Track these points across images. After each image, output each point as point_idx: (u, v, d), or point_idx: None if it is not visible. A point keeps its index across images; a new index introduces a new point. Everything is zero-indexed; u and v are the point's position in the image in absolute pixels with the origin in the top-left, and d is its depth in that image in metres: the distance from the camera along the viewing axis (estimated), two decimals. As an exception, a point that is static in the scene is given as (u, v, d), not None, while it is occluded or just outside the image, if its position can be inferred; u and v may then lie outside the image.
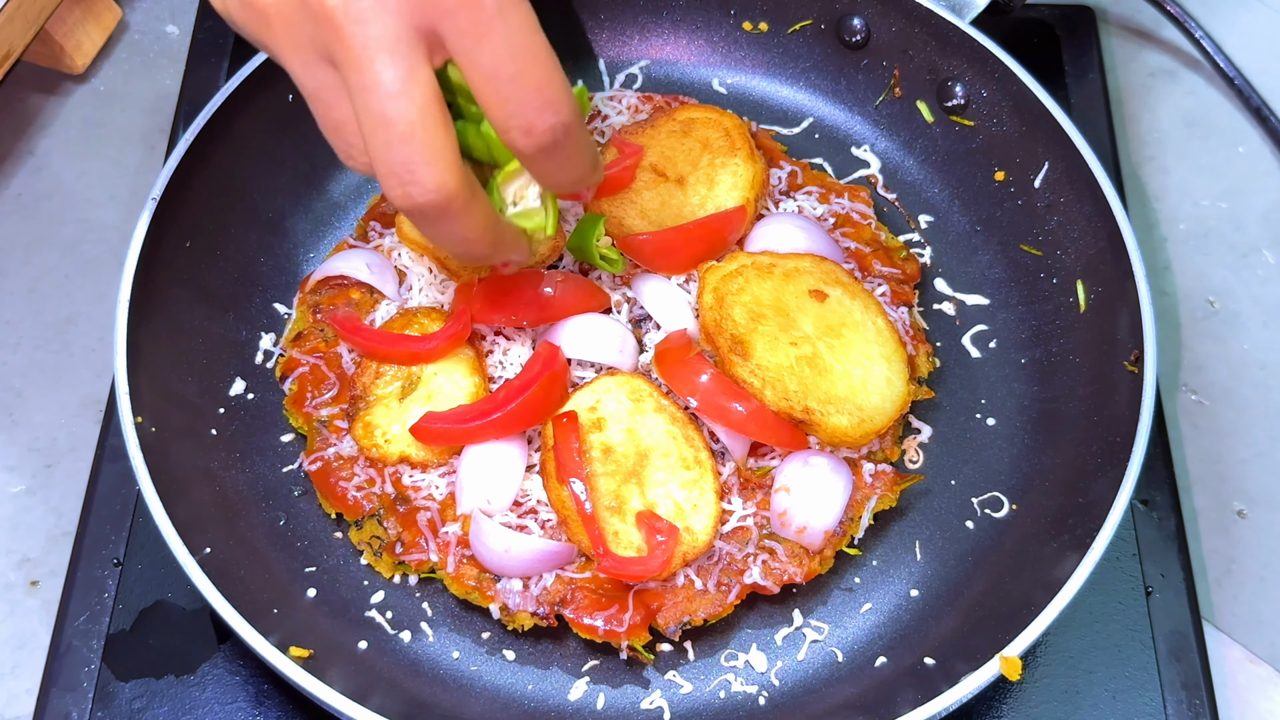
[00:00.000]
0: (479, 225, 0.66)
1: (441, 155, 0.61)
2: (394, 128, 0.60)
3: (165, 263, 0.90)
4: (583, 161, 0.66)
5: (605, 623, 0.84)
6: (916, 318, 0.99)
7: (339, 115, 0.64)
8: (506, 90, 0.61)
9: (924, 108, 1.05)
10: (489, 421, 0.85)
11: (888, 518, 0.92)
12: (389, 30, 0.59)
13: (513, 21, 0.60)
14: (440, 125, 0.61)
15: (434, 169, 0.61)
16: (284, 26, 0.62)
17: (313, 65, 0.63)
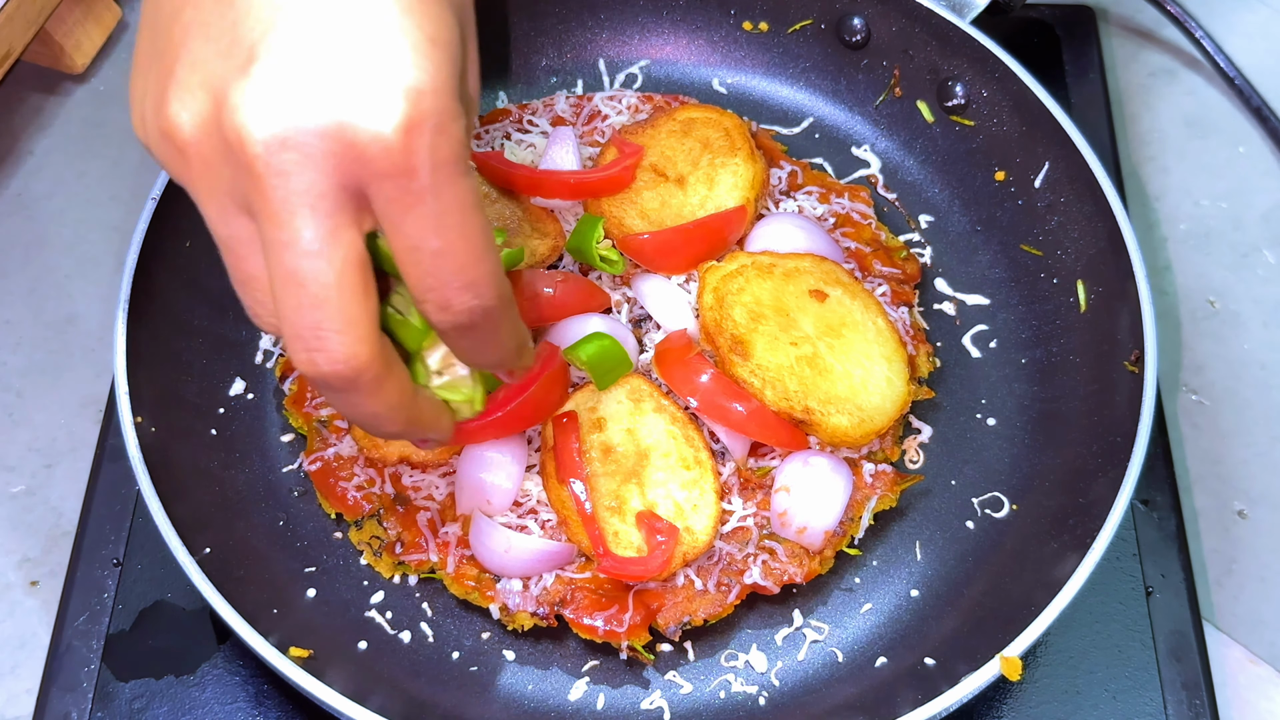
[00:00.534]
0: (390, 402, 0.61)
1: (355, 324, 0.57)
2: (306, 289, 0.56)
3: (165, 262, 0.90)
4: (503, 345, 0.62)
5: (605, 623, 0.84)
6: (917, 318, 0.99)
7: (250, 269, 0.60)
8: (427, 264, 0.57)
9: (924, 107, 1.05)
10: (488, 421, 0.85)
11: (888, 518, 0.92)
12: (313, 186, 0.54)
13: (446, 196, 0.55)
14: (358, 291, 0.56)
15: (344, 338, 0.57)
16: (203, 168, 0.57)
17: (228, 213, 0.58)
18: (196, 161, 0.57)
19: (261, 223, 0.56)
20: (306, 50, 0.54)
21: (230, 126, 0.54)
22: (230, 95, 0.54)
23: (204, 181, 0.57)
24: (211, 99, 0.55)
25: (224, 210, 0.58)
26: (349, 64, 0.54)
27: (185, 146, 0.57)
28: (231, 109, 0.54)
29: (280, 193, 0.54)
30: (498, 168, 0.99)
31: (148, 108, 0.59)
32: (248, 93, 0.54)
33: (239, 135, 0.54)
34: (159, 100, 0.57)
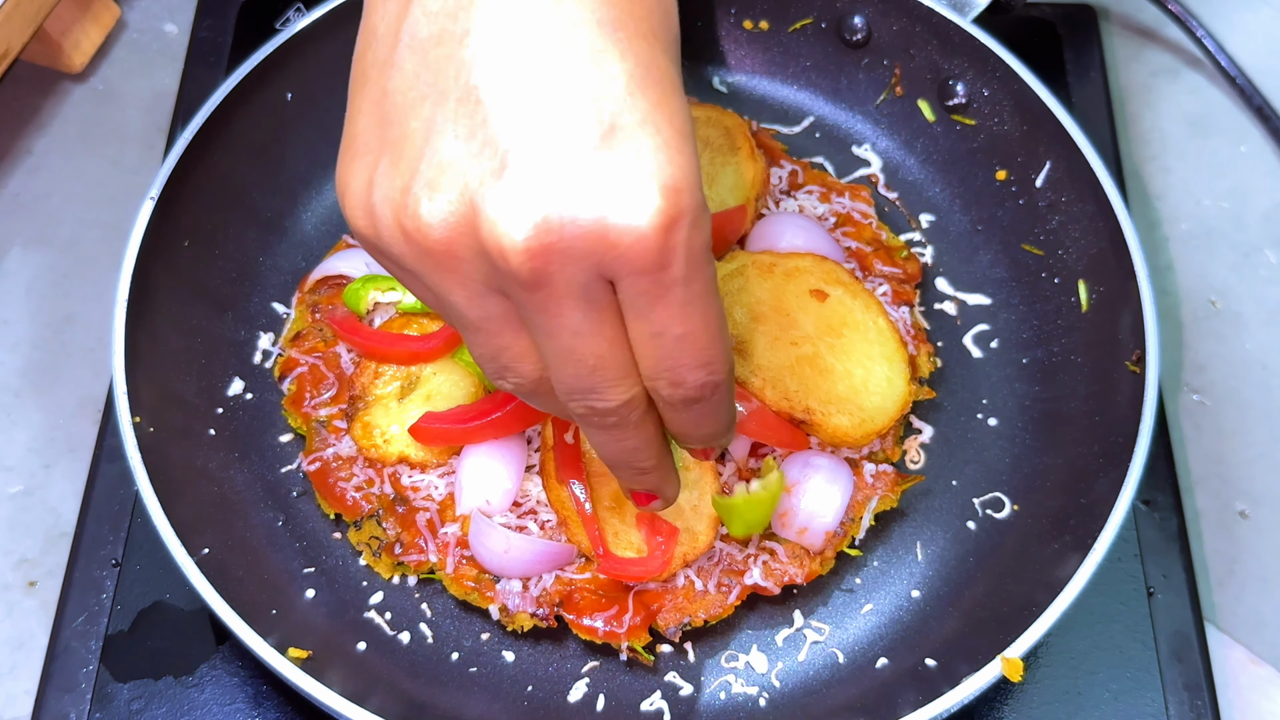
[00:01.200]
0: (649, 437, 0.66)
1: (626, 376, 0.61)
2: (583, 362, 0.59)
3: (163, 262, 0.90)
4: (719, 421, 0.65)
5: (605, 624, 0.84)
6: (917, 317, 0.99)
7: (502, 342, 0.62)
8: (669, 348, 0.59)
9: (925, 107, 1.05)
10: (488, 421, 0.85)
11: (889, 518, 0.92)
12: (576, 281, 0.56)
13: (695, 287, 0.57)
14: (624, 350, 0.60)
15: (618, 389, 0.61)
16: (452, 264, 0.58)
17: (479, 296, 0.59)
18: (445, 259, 0.57)
19: (529, 314, 0.58)
20: (561, 151, 0.54)
21: (491, 236, 0.55)
22: (488, 203, 0.54)
23: (453, 276, 0.58)
24: (467, 203, 0.55)
25: (474, 295, 0.59)
26: (605, 164, 0.54)
27: (434, 246, 0.57)
28: (491, 218, 0.54)
29: (546, 291, 0.56)
30: None
31: (379, 200, 0.59)
32: (507, 199, 0.54)
33: (500, 245, 0.54)
34: (401, 199, 0.57)
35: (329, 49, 0.99)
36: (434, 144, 0.56)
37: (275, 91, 0.97)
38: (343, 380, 0.92)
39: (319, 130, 1.02)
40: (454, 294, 0.59)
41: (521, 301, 0.58)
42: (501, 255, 0.55)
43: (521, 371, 0.63)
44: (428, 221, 0.56)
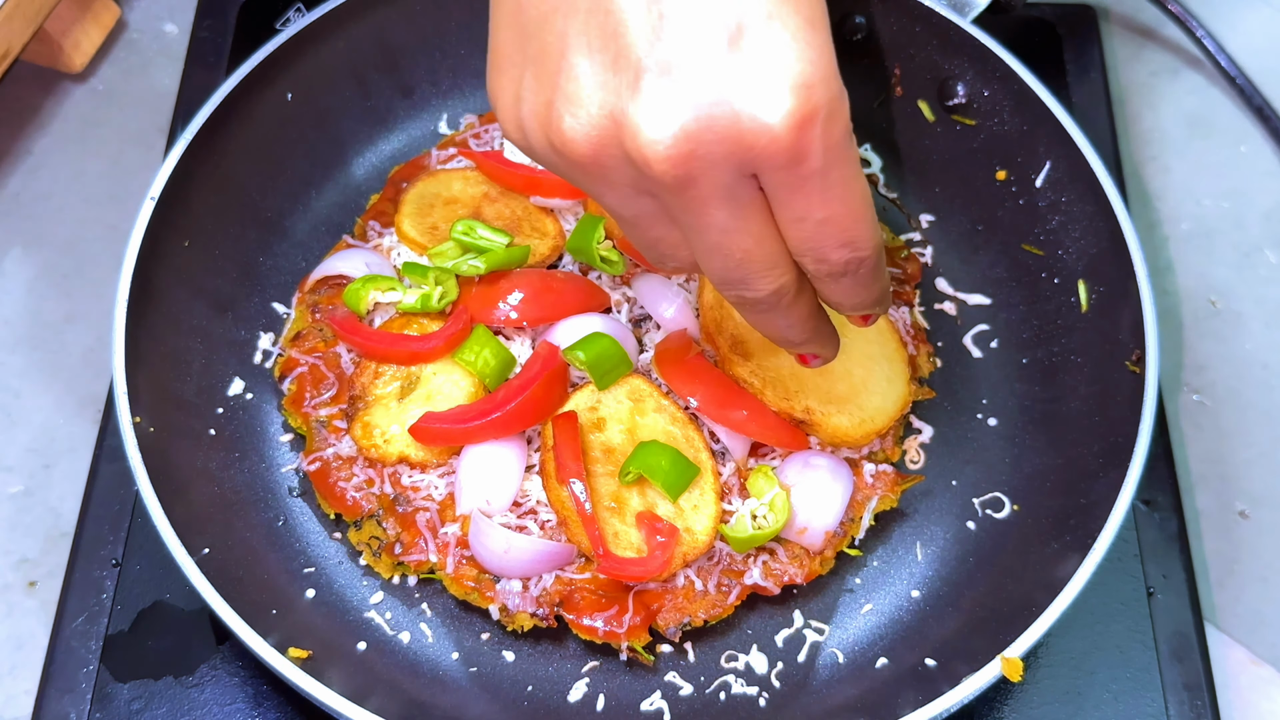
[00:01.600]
0: (800, 317, 0.68)
1: (775, 264, 0.63)
2: (731, 256, 0.62)
3: (164, 262, 0.90)
4: (870, 292, 0.67)
5: (605, 624, 0.84)
6: (917, 317, 0.99)
7: (657, 234, 0.65)
8: (810, 230, 0.61)
9: (925, 107, 1.05)
10: (488, 421, 0.85)
11: (889, 518, 0.92)
12: (719, 183, 0.58)
13: (834, 175, 0.59)
14: (773, 241, 0.62)
15: (767, 278, 0.64)
16: (600, 172, 0.61)
17: (629, 198, 0.62)
18: (594, 169, 0.60)
19: (677, 214, 0.61)
20: (693, 59, 0.56)
21: (634, 147, 0.57)
22: (629, 115, 0.57)
23: (602, 182, 0.61)
24: (607, 116, 0.58)
25: (625, 197, 0.62)
26: (737, 66, 0.56)
27: (581, 159, 0.60)
28: (633, 130, 0.57)
29: (691, 193, 0.59)
30: (498, 167, 0.98)
31: (526, 115, 0.62)
32: (645, 111, 0.56)
33: (644, 154, 0.57)
34: (546, 114, 0.60)
35: (329, 49, 0.99)
36: (570, 59, 0.59)
37: (275, 91, 0.97)
38: (343, 380, 0.92)
39: (319, 130, 1.02)
40: (606, 197, 0.63)
41: (668, 204, 0.60)
42: (645, 164, 0.57)
43: (680, 258, 0.66)
44: (572, 137, 0.59)
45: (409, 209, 0.98)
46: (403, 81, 1.06)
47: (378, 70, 1.04)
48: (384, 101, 1.05)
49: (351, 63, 1.02)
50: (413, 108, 1.07)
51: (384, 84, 1.05)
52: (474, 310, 0.91)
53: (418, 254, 0.97)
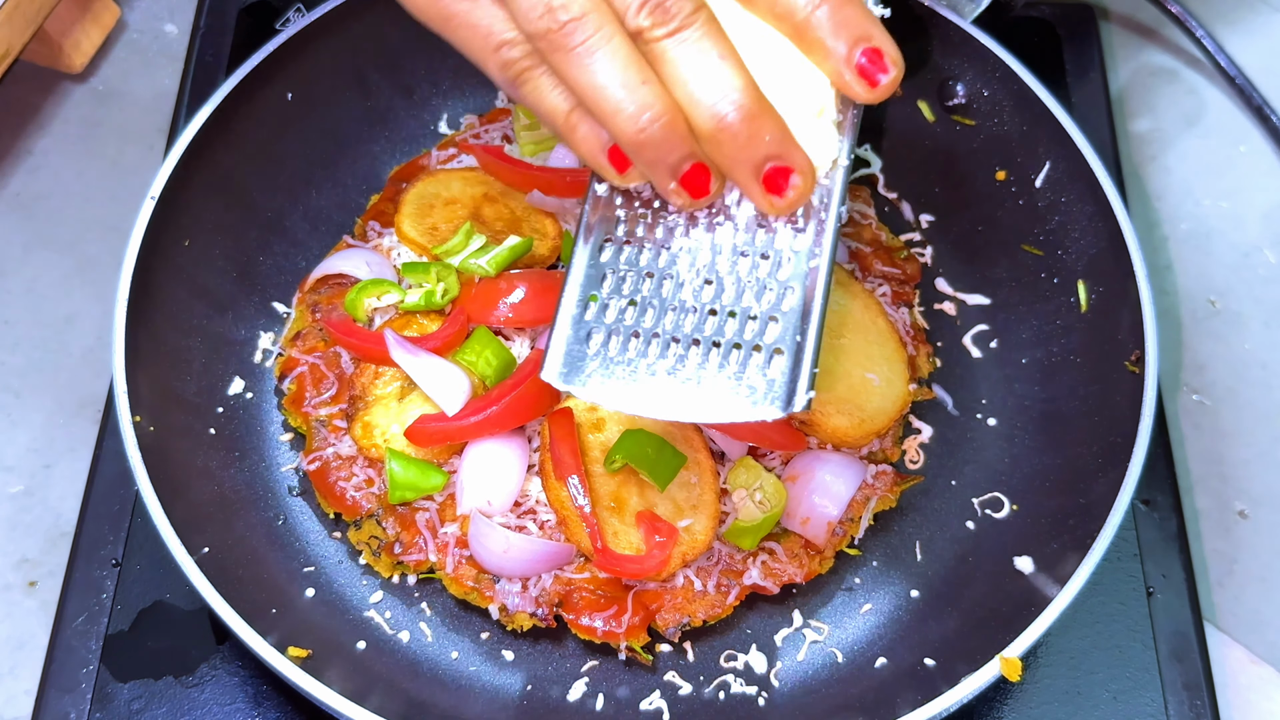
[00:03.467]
0: (739, 65, 0.61)
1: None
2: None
3: (164, 262, 0.90)
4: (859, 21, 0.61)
5: (604, 623, 0.84)
6: (917, 318, 0.99)
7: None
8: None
9: (925, 107, 1.05)
10: (483, 418, 0.85)
11: (888, 518, 0.92)
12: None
13: None
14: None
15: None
16: None
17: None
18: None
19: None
20: None
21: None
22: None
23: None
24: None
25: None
26: None
27: None
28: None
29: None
30: (497, 162, 0.98)
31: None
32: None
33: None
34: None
35: (329, 49, 0.99)
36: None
37: (275, 91, 0.97)
38: (343, 380, 0.93)
39: (319, 130, 1.02)
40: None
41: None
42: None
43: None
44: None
45: (409, 209, 0.98)
46: (403, 81, 1.06)
47: (378, 70, 1.04)
48: (384, 101, 1.06)
49: (351, 63, 1.02)
50: (413, 108, 1.07)
51: (384, 84, 1.05)
52: (472, 311, 0.91)
53: (417, 254, 0.97)
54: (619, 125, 0.61)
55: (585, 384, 0.67)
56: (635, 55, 0.60)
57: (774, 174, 0.62)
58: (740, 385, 0.66)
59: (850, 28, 0.62)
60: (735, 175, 0.63)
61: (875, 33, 0.62)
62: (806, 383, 0.65)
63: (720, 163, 0.62)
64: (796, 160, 0.63)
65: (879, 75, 0.63)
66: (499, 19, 0.62)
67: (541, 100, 0.63)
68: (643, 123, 0.60)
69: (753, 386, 0.65)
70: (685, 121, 0.61)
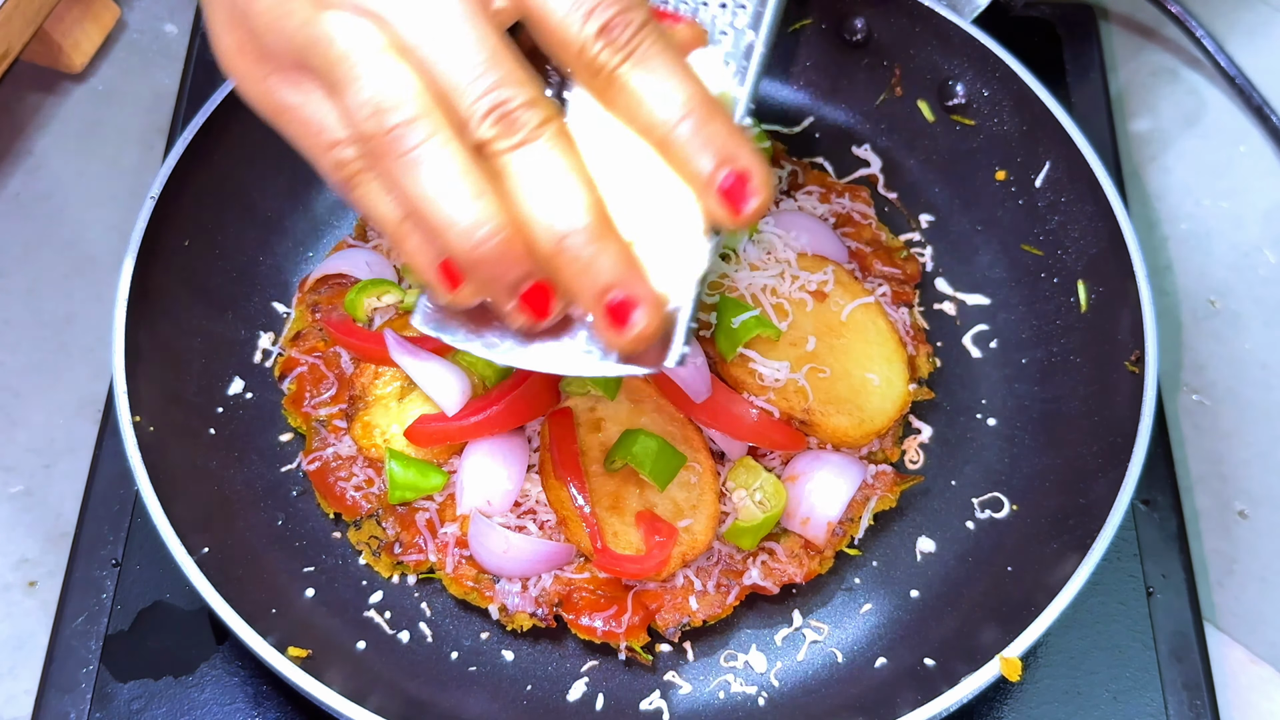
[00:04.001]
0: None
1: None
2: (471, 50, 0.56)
3: (164, 262, 0.90)
4: (667, 73, 0.57)
5: (604, 623, 0.84)
6: (917, 318, 0.99)
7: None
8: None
9: (925, 107, 1.05)
10: (484, 418, 0.85)
11: (888, 518, 0.92)
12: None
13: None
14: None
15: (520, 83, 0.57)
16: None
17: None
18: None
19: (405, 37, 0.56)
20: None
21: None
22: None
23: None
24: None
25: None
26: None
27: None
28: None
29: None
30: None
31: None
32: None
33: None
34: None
35: (329, 49, 0.99)
36: None
37: (275, 91, 0.97)
38: (343, 380, 0.93)
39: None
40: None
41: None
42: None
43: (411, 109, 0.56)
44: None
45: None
46: (403, 81, 1.06)
47: (378, 70, 1.04)
48: (384, 101, 1.05)
49: None
50: (413, 108, 1.07)
51: (384, 84, 1.05)
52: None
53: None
54: (451, 240, 0.56)
55: (455, 333, 0.64)
56: (471, 165, 0.56)
57: (617, 306, 0.57)
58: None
59: (715, 146, 0.57)
60: (579, 300, 0.58)
61: (742, 154, 0.57)
62: (682, 337, 0.60)
63: (562, 285, 0.58)
64: (640, 292, 0.57)
65: (742, 203, 0.58)
66: (331, 116, 0.58)
67: (373, 207, 0.59)
68: (477, 238, 0.56)
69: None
70: (524, 239, 0.57)
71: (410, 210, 0.57)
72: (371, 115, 0.55)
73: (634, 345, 0.58)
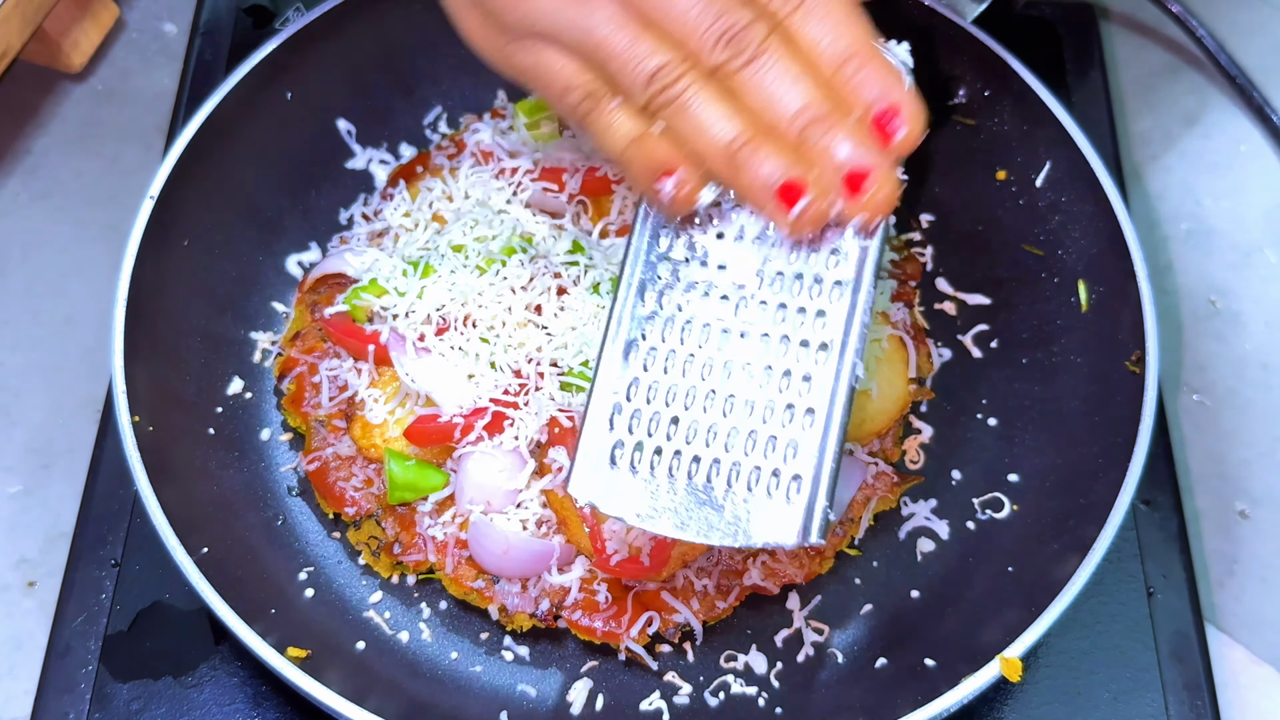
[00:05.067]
0: (796, 70, 0.66)
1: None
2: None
3: (163, 262, 0.90)
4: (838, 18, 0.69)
5: (604, 624, 0.84)
6: (917, 317, 0.99)
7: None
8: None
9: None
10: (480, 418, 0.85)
11: (889, 518, 0.92)
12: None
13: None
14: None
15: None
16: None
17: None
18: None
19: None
20: None
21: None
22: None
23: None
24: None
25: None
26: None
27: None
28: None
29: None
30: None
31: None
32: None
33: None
34: None
35: (329, 49, 0.99)
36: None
37: (275, 91, 0.97)
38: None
39: (319, 130, 1.02)
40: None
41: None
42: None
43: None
44: None
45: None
46: (403, 81, 1.06)
47: (377, 70, 1.04)
48: (384, 101, 1.05)
49: (351, 63, 1.02)
50: (412, 107, 1.07)
51: (384, 84, 1.05)
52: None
53: (417, 254, 0.96)
54: (713, 158, 0.66)
55: (609, 501, 0.69)
56: (715, 94, 0.65)
57: (851, 176, 0.65)
58: (761, 511, 0.68)
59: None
60: (824, 179, 0.65)
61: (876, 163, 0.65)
62: (822, 516, 0.67)
63: (811, 172, 0.65)
64: (873, 161, 0.65)
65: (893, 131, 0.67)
66: (569, 68, 0.68)
67: (604, 137, 0.68)
68: (732, 149, 0.65)
69: (772, 513, 0.67)
70: (771, 142, 0.65)
71: (672, 134, 0.66)
72: (625, 70, 0.65)
73: (870, 208, 0.65)
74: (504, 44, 0.70)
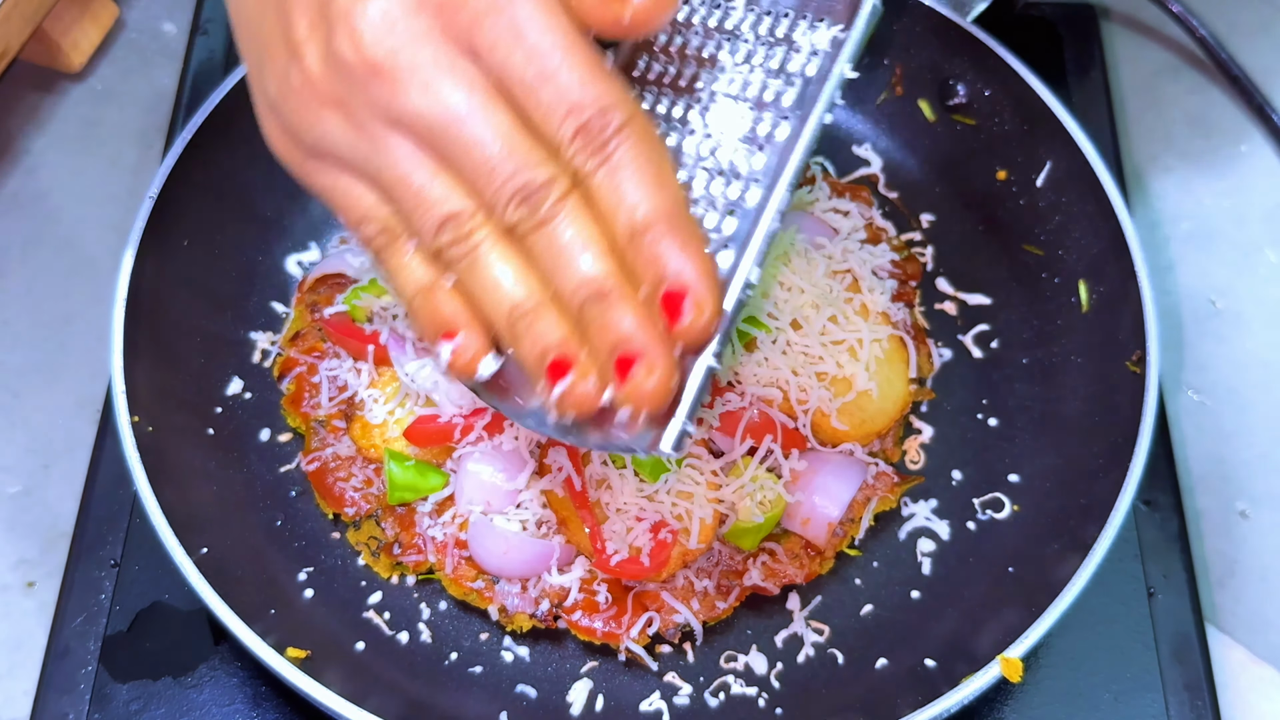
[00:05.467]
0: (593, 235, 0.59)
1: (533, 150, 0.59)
2: (492, 138, 0.59)
3: (162, 262, 0.90)
4: (646, 176, 0.59)
5: (604, 624, 0.84)
6: (918, 317, 0.99)
7: (415, 176, 0.61)
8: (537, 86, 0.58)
9: (925, 106, 1.05)
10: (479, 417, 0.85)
11: (889, 518, 0.92)
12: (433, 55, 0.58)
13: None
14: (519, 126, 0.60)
15: (537, 160, 0.59)
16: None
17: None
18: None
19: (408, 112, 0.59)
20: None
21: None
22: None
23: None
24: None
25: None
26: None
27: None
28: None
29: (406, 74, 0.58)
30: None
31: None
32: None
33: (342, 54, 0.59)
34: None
35: (328, 48, 0.99)
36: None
37: (274, 91, 0.97)
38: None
39: (318, 130, 1.02)
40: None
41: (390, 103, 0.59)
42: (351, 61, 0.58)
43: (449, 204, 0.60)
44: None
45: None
46: (402, 81, 1.06)
47: (377, 70, 1.04)
48: (383, 101, 1.05)
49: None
50: (412, 107, 1.07)
51: (383, 83, 1.05)
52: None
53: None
54: (498, 319, 0.61)
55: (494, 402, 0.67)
56: (506, 251, 0.61)
57: (623, 360, 0.58)
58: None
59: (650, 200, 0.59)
60: (594, 355, 0.60)
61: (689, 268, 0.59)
62: (676, 431, 0.60)
63: (589, 344, 0.60)
64: (648, 348, 0.58)
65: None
66: (368, 198, 0.63)
67: (396, 276, 0.64)
68: (515, 315, 0.60)
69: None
70: (554, 310, 0.60)
71: (461, 288, 0.62)
72: (416, 212, 0.60)
73: (634, 399, 0.58)
74: (302, 159, 0.64)
